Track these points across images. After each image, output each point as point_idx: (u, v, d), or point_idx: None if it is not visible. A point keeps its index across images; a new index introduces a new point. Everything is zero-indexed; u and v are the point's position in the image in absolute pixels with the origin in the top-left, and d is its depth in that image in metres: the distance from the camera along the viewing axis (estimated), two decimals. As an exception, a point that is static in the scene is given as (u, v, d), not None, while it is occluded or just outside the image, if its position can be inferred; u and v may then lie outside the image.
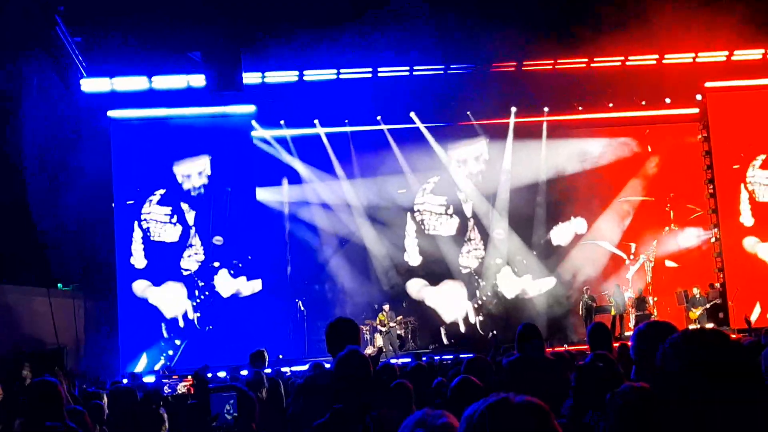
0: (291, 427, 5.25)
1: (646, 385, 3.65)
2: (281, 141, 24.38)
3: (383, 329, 22.83)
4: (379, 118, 24.36)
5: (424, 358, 13.42)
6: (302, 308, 23.54)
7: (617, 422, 3.48)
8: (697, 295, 23.31)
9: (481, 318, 24.58)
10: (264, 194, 23.87)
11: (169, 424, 6.70)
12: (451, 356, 16.51)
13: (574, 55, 23.35)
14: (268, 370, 10.87)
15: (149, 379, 16.33)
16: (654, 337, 3.80)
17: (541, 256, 25.22)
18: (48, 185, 20.72)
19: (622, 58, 23.56)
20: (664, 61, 23.65)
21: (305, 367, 15.73)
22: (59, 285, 21.36)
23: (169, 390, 7.40)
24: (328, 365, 6.46)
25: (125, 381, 16.86)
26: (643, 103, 24.89)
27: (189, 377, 7.76)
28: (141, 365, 21.55)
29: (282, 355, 21.58)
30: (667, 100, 24.83)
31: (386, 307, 23.24)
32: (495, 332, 21.71)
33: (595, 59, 23.49)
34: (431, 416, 2.77)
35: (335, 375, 4.40)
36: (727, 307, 23.47)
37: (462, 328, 24.54)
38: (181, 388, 7.49)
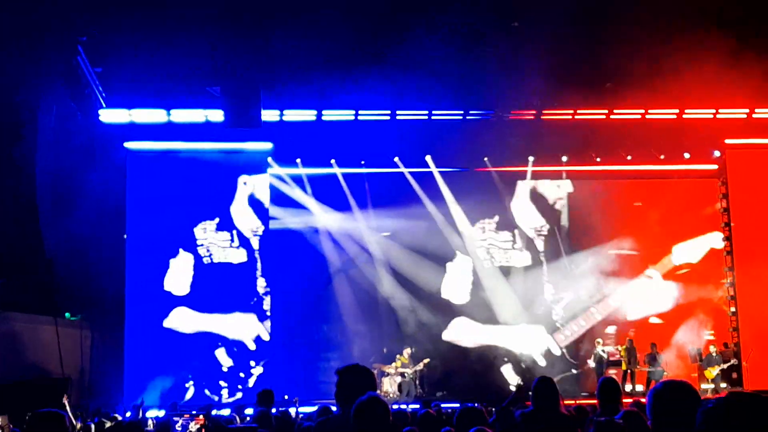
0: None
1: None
2: (297, 180, 24.30)
3: (392, 372, 22.63)
4: (396, 159, 24.25)
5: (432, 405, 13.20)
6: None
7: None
8: (714, 354, 22.98)
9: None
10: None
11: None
12: (458, 405, 16.27)
13: (594, 106, 23.32)
14: (273, 410, 10.71)
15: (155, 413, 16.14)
16: (671, 398, 3.70)
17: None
18: (59, 213, 20.71)
19: (643, 111, 23.48)
20: (684, 116, 23.56)
21: (312, 409, 15.54)
22: (67, 315, 21.25)
23: (180, 429, 7.21)
24: (334, 408, 6.27)
25: (129, 414, 16.72)
26: (662, 156, 24.77)
27: (200, 416, 7.58)
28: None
29: (288, 395, 21.35)
30: (686, 155, 24.71)
31: (407, 351, 22.99)
32: (522, 383, 21.57)
33: (615, 111, 23.43)
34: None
35: (357, 421, 4.24)
36: (741, 367, 23.13)
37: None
38: (193, 427, 7.31)
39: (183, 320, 22.39)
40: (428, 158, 24.45)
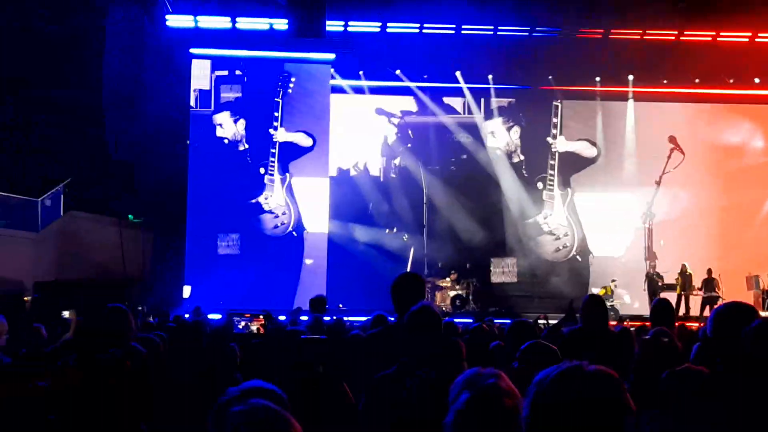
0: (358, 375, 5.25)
1: (706, 370, 3.55)
2: (358, 91, 24.28)
3: (446, 286, 22.86)
4: (458, 74, 24.07)
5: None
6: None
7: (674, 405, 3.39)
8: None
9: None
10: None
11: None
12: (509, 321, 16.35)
13: (663, 27, 22.80)
14: (326, 318, 10.91)
15: (214, 316, 16.53)
16: (734, 319, 3.68)
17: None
18: (125, 116, 21.04)
19: (714, 33, 22.89)
20: (756, 40, 22.93)
21: (363, 319, 15.79)
22: (130, 216, 21.74)
23: (242, 329, 7.40)
24: (392, 318, 6.41)
25: (187, 316, 17.17)
26: (731, 81, 24.21)
27: (261, 317, 7.77)
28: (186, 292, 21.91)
29: (341, 304, 21.68)
30: (757, 80, 24.14)
31: (453, 275, 23.17)
32: (573, 299, 21.52)
33: (686, 32, 22.88)
34: (481, 376, 2.73)
35: (408, 330, 4.37)
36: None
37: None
38: (253, 327, 7.50)
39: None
40: (490, 77, 24.24)
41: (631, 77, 24.37)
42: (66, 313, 12.91)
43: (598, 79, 24.33)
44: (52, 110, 20.84)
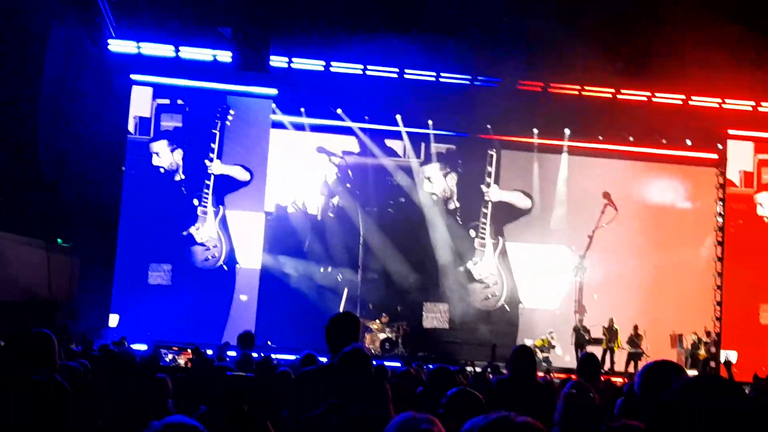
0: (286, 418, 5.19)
1: (641, 425, 3.58)
2: (299, 127, 24.28)
3: (375, 328, 22.84)
4: (398, 117, 24.28)
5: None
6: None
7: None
8: (696, 341, 23.28)
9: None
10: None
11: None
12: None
13: (601, 84, 23.37)
14: (254, 354, 10.80)
15: (140, 347, 16.27)
16: (663, 376, 3.75)
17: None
18: (60, 137, 20.73)
19: (649, 93, 23.52)
20: (690, 103, 23.62)
21: (292, 357, 15.69)
22: (59, 240, 21.33)
23: (168, 361, 7.29)
24: (323, 359, 6.37)
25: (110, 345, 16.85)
26: (664, 141, 24.83)
27: (188, 350, 7.67)
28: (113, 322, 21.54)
29: (270, 341, 21.53)
30: (688, 142, 24.81)
31: (384, 318, 23.14)
32: (496, 344, 21.64)
33: (622, 91, 23.48)
34: (416, 420, 2.72)
35: (339, 368, 4.36)
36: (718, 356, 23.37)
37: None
38: (181, 360, 7.39)
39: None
40: (430, 122, 24.49)
41: (567, 131, 24.80)
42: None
43: (535, 131, 24.71)
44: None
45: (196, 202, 22.87)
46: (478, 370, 15.11)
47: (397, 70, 23.18)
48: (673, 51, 20.90)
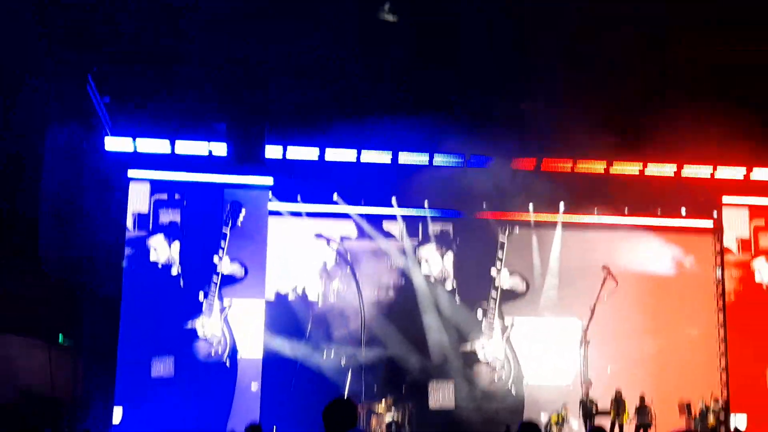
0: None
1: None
2: (296, 215, 24.49)
3: (380, 412, 22.68)
4: (394, 199, 24.51)
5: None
6: None
7: None
8: (704, 408, 23.10)
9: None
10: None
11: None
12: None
13: (594, 158, 23.63)
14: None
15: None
16: None
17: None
18: (60, 235, 20.90)
19: (641, 165, 23.78)
20: (682, 173, 23.87)
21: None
22: (60, 338, 21.37)
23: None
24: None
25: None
26: (659, 211, 25.00)
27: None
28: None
29: (276, 427, 21.43)
30: (683, 211, 24.99)
31: (386, 401, 23.02)
32: (509, 426, 21.56)
33: (615, 164, 23.75)
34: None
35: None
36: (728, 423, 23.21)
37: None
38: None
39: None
40: (426, 203, 24.71)
41: (562, 205, 24.98)
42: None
43: (531, 206, 24.89)
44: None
45: (202, 296, 22.92)
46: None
47: (390, 153, 23.48)
48: (664, 122, 21.17)
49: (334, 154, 23.47)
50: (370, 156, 23.59)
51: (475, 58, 20.75)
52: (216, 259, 23.02)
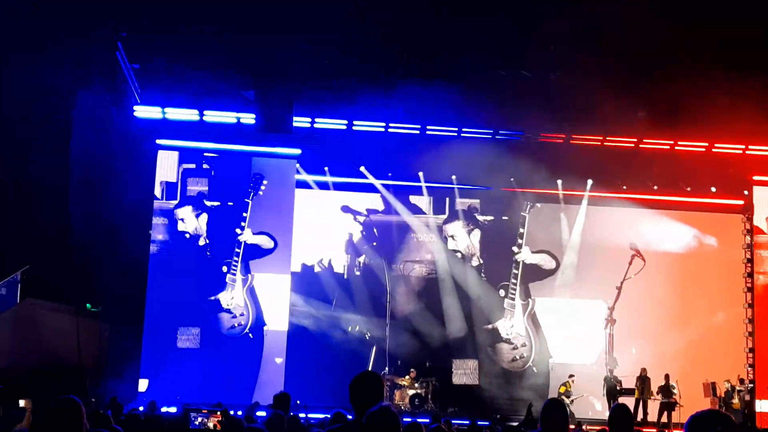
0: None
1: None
2: (323, 186, 24.45)
3: (405, 385, 22.71)
4: (421, 174, 24.39)
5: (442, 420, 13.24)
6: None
7: None
8: (729, 389, 22.92)
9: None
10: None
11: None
12: (467, 422, 16.30)
13: (624, 134, 23.42)
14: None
15: (170, 409, 16.24)
16: (710, 428, 3.71)
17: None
18: (88, 203, 20.95)
19: (672, 142, 23.55)
20: (713, 150, 23.62)
21: (322, 416, 15.60)
22: (87, 305, 21.45)
23: (198, 425, 7.27)
24: (350, 416, 6.37)
25: (141, 408, 16.88)
26: (689, 189, 24.78)
27: (218, 413, 7.66)
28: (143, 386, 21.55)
29: (300, 400, 21.39)
30: (713, 189, 24.76)
31: (412, 373, 23.00)
32: (531, 403, 21.51)
33: (645, 140, 23.52)
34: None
35: (367, 429, 4.35)
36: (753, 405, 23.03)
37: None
38: (210, 423, 7.38)
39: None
40: (453, 177, 24.60)
41: (590, 182, 24.80)
42: (22, 402, 12.65)
43: (559, 182, 24.72)
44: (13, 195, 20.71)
45: (225, 269, 22.95)
46: (514, 424, 15.00)
47: (419, 126, 23.35)
48: (696, 99, 20.91)
49: (362, 126, 23.31)
50: (398, 128, 23.40)
51: (506, 32, 20.52)
52: (238, 230, 23.04)
